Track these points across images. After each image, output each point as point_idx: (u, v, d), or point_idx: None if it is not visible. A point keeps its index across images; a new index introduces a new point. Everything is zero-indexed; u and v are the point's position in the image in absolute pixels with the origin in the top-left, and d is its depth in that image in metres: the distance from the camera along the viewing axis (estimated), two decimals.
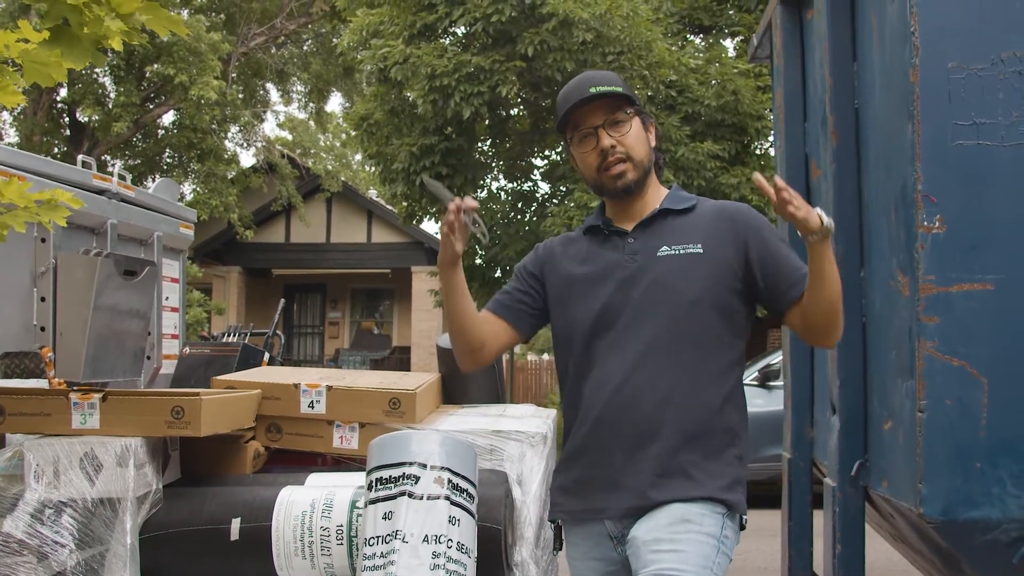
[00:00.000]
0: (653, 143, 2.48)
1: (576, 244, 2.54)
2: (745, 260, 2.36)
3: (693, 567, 2.19)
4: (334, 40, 17.43)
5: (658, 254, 2.39)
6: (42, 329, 4.37)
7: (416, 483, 2.40)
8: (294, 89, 23.39)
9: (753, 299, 2.40)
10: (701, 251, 2.37)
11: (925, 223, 2.52)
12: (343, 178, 21.57)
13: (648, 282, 2.37)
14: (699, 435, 2.30)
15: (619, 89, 2.39)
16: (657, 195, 2.49)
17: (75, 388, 2.86)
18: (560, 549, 2.50)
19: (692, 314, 2.34)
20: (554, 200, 13.39)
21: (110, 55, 16.50)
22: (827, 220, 2.12)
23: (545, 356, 24.50)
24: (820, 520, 3.22)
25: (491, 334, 2.48)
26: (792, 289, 2.33)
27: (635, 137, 2.42)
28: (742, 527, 2.37)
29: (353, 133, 14.70)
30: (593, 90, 2.39)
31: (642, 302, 2.36)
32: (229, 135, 20.49)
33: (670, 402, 2.31)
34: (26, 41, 2.24)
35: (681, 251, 2.38)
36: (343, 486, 2.74)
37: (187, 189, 19.24)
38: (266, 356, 5.10)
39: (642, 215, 2.46)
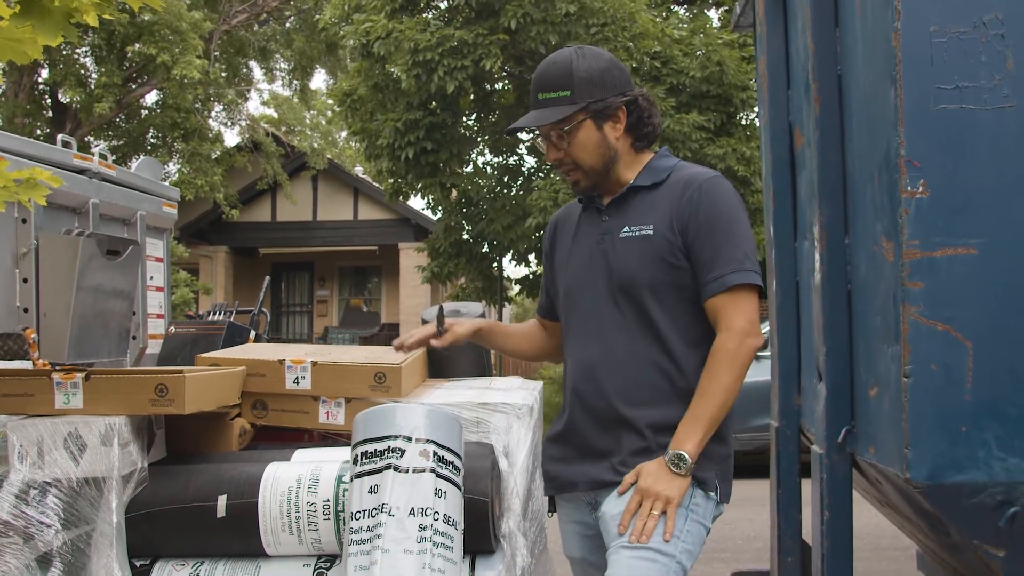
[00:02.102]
0: (618, 133, 2.42)
1: (573, 216, 2.59)
2: (683, 239, 2.34)
3: (659, 536, 2.23)
4: (316, 16, 17.32)
5: (620, 235, 2.39)
6: (25, 310, 4.34)
7: (401, 456, 2.39)
8: (277, 66, 23.26)
9: None
10: (651, 232, 2.36)
11: (909, 188, 2.51)
12: (329, 155, 21.50)
13: (608, 266, 2.40)
14: (663, 419, 2.33)
15: (555, 118, 2.35)
16: (634, 169, 2.48)
17: (58, 368, 2.84)
18: (554, 511, 2.63)
19: (648, 298, 2.35)
20: (540, 174, 13.37)
21: (90, 34, 16.35)
22: (673, 461, 2.25)
23: None
24: (808, 488, 3.23)
25: (553, 332, 2.72)
26: (703, 289, 2.34)
27: (582, 145, 2.38)
28: (723, 500, 2.39)
29: (337, 109, 14.63)
30: (541, 96, 2.38)
31: (603, 286, 2.40)
32: (213, 114, 20.41)
33: (633, 389, 2.35)
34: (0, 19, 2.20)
35: (637, 233, 2.37)
36: (329, 461, 2.74)
37: (172, 169, 19.16)
38: (252, 334, 5.08)
39: (614, 192, 2.47)
